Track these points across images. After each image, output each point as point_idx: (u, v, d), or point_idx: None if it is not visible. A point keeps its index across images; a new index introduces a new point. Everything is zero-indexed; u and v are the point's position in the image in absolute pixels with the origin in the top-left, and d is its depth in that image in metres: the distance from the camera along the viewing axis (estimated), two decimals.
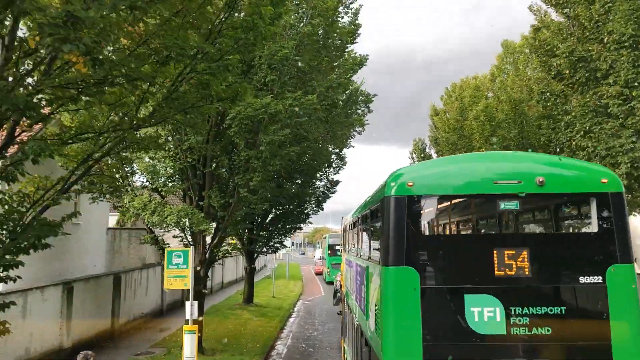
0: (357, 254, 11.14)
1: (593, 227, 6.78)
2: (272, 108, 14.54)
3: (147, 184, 17.17)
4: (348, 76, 17.59)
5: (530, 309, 6.33)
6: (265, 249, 31.75)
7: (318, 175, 30.80)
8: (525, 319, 6.31)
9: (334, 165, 31.51)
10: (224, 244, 31.20)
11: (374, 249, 8.45)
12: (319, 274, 64.40)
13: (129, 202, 15.90)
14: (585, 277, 6.41)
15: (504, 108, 24.08)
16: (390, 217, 6.77)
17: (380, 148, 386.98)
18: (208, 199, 16.58)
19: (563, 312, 6.32)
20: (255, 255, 31.20)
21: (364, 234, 10.27)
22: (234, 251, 30.86)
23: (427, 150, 44.23)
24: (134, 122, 8.38)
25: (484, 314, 6.35)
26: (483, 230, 8.63)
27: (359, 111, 17.97)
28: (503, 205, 6.77)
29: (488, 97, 30.35)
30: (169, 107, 8.17)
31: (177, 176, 16.75)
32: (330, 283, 44.87)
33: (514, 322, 6.30)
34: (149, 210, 15.46)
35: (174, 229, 17.88)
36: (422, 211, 7.00)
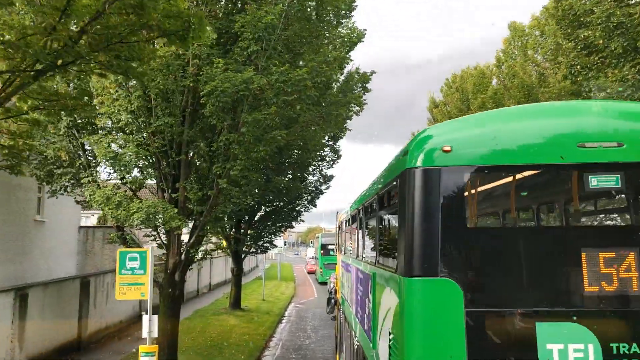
0: (358, 256, 8.87)
1: None
2: (255, 83, 12.34)
3: (114, 175, 14.88)
4: (344, 52, 15.44)
5: None
6: (253, 249, 29.53)
7: (310, 169, 28.65)
8: None
9: (327, 159, 29.38)
10: (206, 243, 29.13)
11: (385, 250, 6.30)
12: (311, 272, 64.62)
13: (90, 195, 13.64)
14: None
15: (514, 94, 22.00)
16: (415, 202, 4.62)
17: (374, 147, 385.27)
18: (183, 191, 14.34)
19: None
20: (243, 256, 28.99)
21: (369, 229, 7.98)
22: (219, 251, 28.79)
23: None
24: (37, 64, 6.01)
25: (569, 354, 4.21)
26: (565, 221, 5.28)
27: (356, 91, 15.79)
28: (595, 181, 4.51)
29: (493, 84, 28.30)
30: (89, 42, 5.87)
31: (146, 165, 14.47)
32: (323, 283, 45.44)
33: None
34: (112, 204, 13.19)
35: (147, 227, 15.65)
36: (466, 191, 4.75)
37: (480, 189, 4.94)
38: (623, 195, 4.85)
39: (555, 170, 4.69)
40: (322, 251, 49.49)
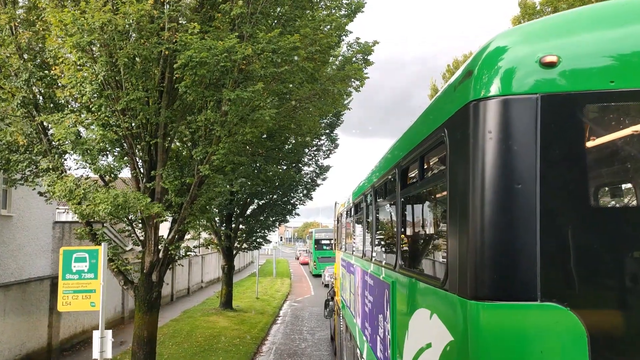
0: (365, 255, 6.70)
1: None
2: (240, 53, 10.47)
3: (83, 163, 12.94)
4: (344, 21, 13.53)
5: None
6: (245, 245, 27.73)
7: (306, 159, 26.86)
8: None
9: (323, 148, 27.61)
10: (196, 238, 27.30)
11: (415, 249, 4.18)
12: (304, 264, 70.80)
13: (48, 186, 11.76)
14: None
15: None
16: (490, 162, 2.56)
17: (372, 141, 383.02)
18: (159, 180, 12.47)
19: None
20: (234, 252, 27.19)
21: (384, 218, 5.81)
22: (209, 247, 27.00)
23: None
24: None
25: None
26: None
27: (356, 63, 13.96)
28: None
29: None
30: None
31: (115, 151, 12.58)
32: (318, 276, 49.14)
33: None
34: (76, 198, 11.32)
35: (120, 221, 13.79)
36: (588, 141, 2.63)
37: (617, 134, 2.70)
38: None
39: None
40: (315, 246, 51.13)
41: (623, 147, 2.72)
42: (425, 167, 3.91)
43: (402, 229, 4.68)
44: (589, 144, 2.66)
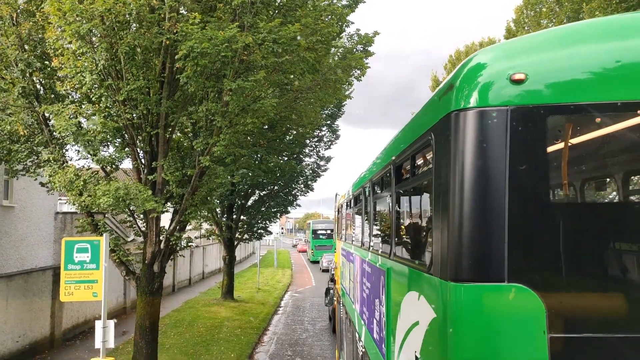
0: (364, 244, 7.17)
1: None
2: (240, 43, 10.43)
3: (84, 153, 12.94)
4: (346, 11, 13.46)
5: None
6: (246, 236, 27.79)
7: (307, 150, 26.85)
8: None
9: (325, 139, 27.58)
10: (198, 229, 27.35)
11: (407, 238, 4.68)
12: (302, 251, 79.10)
13: (49, 177, 11.76)
14: None
15: None
16: (467, 163, 2.97)
17: (374, 132, 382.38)
18: (161, 171, 12.47)
19: None
20: (236, 243, 27.26)
21: (380, 210, 6.34)
22: (211, 238, 27.07)
23: None
24: None
25: None
26: None
27: (357, 53, 13.89)
28: None
29: None
30: None
31: (116, 142, 12.56)
32: (315, 262, 54.25)
33: None
34: (75, 189, 11.32)
35: (121, 213, 13.82)
36: (550, 146, 3.01)
37: (575, 141, 3.11)
38: None
39: None
40: (313, 235, 57.54)
41: (579, 153, 3.17)
42: (416, 165, 4.36)
43: (397, 221, 5.10)
44: (550, 149, 3.05)
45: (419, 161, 4.33)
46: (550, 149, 3.04)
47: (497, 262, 2.89)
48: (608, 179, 3.50)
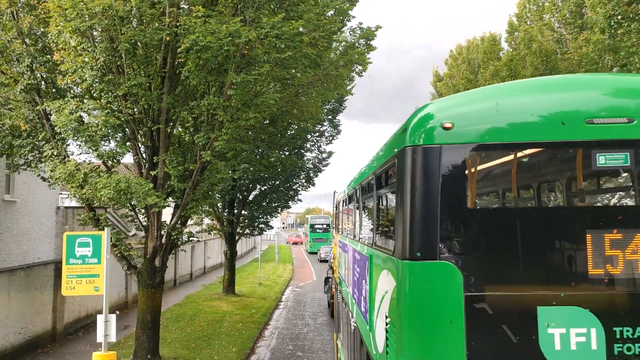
0: (355, 237, 8.52)
1: None
2: (243, 37, 10.41)
3: (85, 148, 12.92)
4: (346, 5, 13.41)
5: None
6: (247, 231, 27.80)
7: (308, 145, 26.82)
8: (637, 348, 4.02)
9: (326, 134, 27.55)
10: (199, 224, 27.37)
11: (383, 231, 6.08)
12: (295, 244, 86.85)
13: (51, 171, 11.77)
14: None
15: (532, 61, 19.97)
16: (414, 182, 4.43)
17: (376, 126, 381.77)
18: (162, 166, 12.48)
19: None
20: (237, 237, 27.29)
21: (366, 209, 7.84)
22: (213, 232, 27.10)
23: None
24: None
25: (571, 338, 4.09)
26: (569, 202, 5.03)
27: (359, 48, 13.85)
28: (603, 159, 4.29)
29: (505, 50, 26.31)
30: None
31: (117, 137, 12.55)
32: (313, 253, 60.42)
33: (621, 351, 4.02)
34: (76, 182, 11.33)
35: (122, 207, 13.85)
36: (467, 171, 4.51)
37: (482, 167, 4.67)
38: (632, 174, 4.56)
39: (561, 147, 4.44)
40: (310, 229, 65.13)
41: (484, 175, 4.76)
42: (388, 177, 5.67)
43: (377, 218, 6.55)
44: (466, 172, 4.50)
45: (390, 175, 5.49)
46: (466, 172, 4.49)
47: (432, 247, 4.31)
48: (502, 193, 5.25)
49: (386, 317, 5.02)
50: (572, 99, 4.48)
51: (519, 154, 4.54)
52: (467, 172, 4.47)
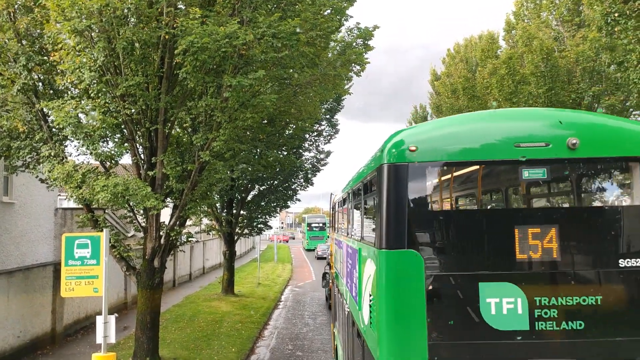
0: (348, 234, 9.81)
1: (637, 199, 5.66)
2: (241, 39, 10.40)
3: (83, 149, 12.88)
4: (343, 4, 13.39)
5: (560, 299, 5.38)
6: (246, 231, 27.79)
7: (306, 144, 26.82)
8: (554, 312, 5.36)
9: (324, 133, 27.55)
10: (198, 224, 27.34)
11: (368, 228, 7.23)
12: (284, 241, 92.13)
13: (49, 172, 11.75)
14: (627, 260, 5.44)
15: (532, 58, 19.94)
16: (389, 190, 5.63)
17: (375, 125, 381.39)
18: (161, 167, 12.47)
19: (599, 302, 5.38)
20: (235, 237, 27.28)
21: (356, 210, 9.03)
22: (212, 233, 27.08)
23: (429, 118, 40.36)
24: None
25: (503, 306, 5.40)
26: (502, 205, 6.93)
27: (356, 48, 13.84)
28: (527, 173, 5.67)
29: (504, 48, 26.28)
30: None
31: (115, 137, 12.54)
32: (310, 250, 66.01)
33: (539, 315, 5.36)
34: (74, 182, 11.31)
35: (121, 208, 13.83)
36: (427, 182, 5.83)
37: (439, 180, 5.93)
38: (548, 184, 6.26)
39: (497, 165, 5.88)
40: (308, 228, 71.57)
41: (442, 184, 5.99)
42: (372, 186, 6.75)
43: (364, 217, 7.67)
44: (427, 184, 5.71)
45: (373, 184, 6.60)
46: (427, 183, 5.70)
47: (401, 240, 5.45)
48: (454, 199, 6.51)
49: (370, 296, 6.19)
50: (506, 127, 5.79)
51: (467, 170, 5.99)
52: (427, 183, 5.74)
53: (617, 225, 5.55)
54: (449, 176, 6.02)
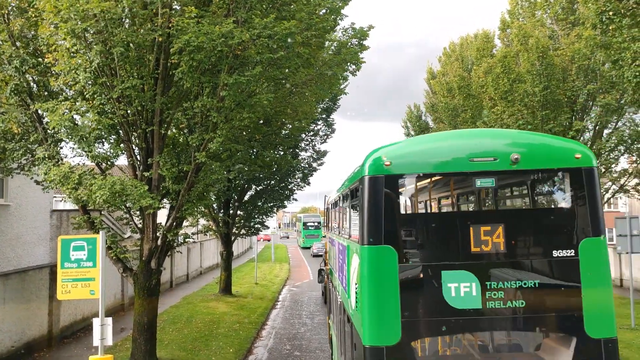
0: (339, 233, 10.90)
1: (567, 202, 6.99)
2: (236, 38, 10.38)
3: (79, 150, 12.83)
4: (338, 4, 13.38)
5: (505, 283, 6.55)
6: (243, 231, 27.76)
7: (303, 144, 26.81)
8: (500, 293, 6.51)
9: (320, 133, 27.55)
10: (195, 225, 27.29)
11: (354, 228, 8.21)
12: (266, 240, 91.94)
13: (44, 174, 11.70)
14: (559, 251, 6.65)
15: (528, 57, 19.96)
16: (368, 197, 6.75)
17: (371, 124, 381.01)
18: (157, 168, 12.44)
19: (537, 285, 6.60)
20: (233, 238, 27.25)
21: (345, 212, 10.05)
22: (209, 233, 27.02)
23: (423, 117, 40.33)
24: None
25: (461, 289, 6.52)
26: (460, 208, 8.66)
27: (352, 48, 13.82)
28: (479, 182, 6.91)
29: (499, 47, 26.31)
30: None
31: (111, 139, 12.49)
32: (306, 248, 69.34)
33: (490, 296, 6.50)
34: (71, 184, 11.27)
35: (117, 209, 13.79)
36: (399, 190, 6.97)
37: (408, 188, 7.20)
38: (495, 191, 7.81)
39: (455, 175, 7.10)
40: (303, 227, 75.43)
41: (410, 193, 7.35)
42: (356, 192, 7.67)
43: (352, 219, 8.54)
44: (399, 191, 6.85)
45: (357, 191, 7.55)
46: (399, 191, 6.84)
47: (379, 237, 6.54)
48: (421, 203, 7.97)
49: (355, 284, 7.34)
50: (462, 145, 6.95)
51: (431, 180, 7.39)
52: (399, 191, 6.87)
53: (551, 223, 6.87)
54: (417, 185, 7.35)
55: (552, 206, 7.45)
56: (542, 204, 7.69)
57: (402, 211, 7.05)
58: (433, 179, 7.34)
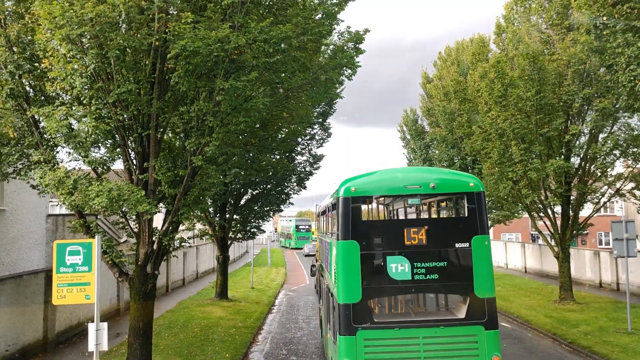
0: (326, 233, 14.02)
1: (464, 213, 10.23)
2: (233, 43, 10.40)
3: (75, 155, 12.80)
4: (334, 8, 13.42)
5: (426, 263, 9.82)
6: (240, 235, 27.72)
7: (299, 148, 26.83)
8: (423, 270, 9.82)
9: (317, 137, 27.58)
10: (191, 229, 27.24)
11: (334, 229, 10.90)
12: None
13: (40, 178, 11.67)
14: (459, 244, 9.91)
15: (520, 62, 20.07)
16: (342, 210, 10.01)
17: (367, 130, 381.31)
18: (152, 172, 12.42)
19: (445, 265, 9.92)
20: (229, 242, 27.21)
21: (330, 218, 12.87)
22: (205, 237, 26.97)
23: (419, 122, 40.43)
24: None
25: (398, 268, 9.81)
26: (398, 216, 14.28)
27: (348, 52, 13.87)
28: (410, 201, 11.75)
29: (494, 51, 26.44)
30: None
31: (107, 144, 12.48)
32: (299, 249, 78.57)
33: (416, 272, 9.81)
34: (65, 189, 11.24)
35: (113, 213, 13.74)
36: (361, 206, 10.49)
37: (368, 205, 11.66)
38: (420, 207, 12.79)
39: (397, 197, 11.86)
40: (295, 229, 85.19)
41: (370, 207, 14.19)
42: (335, 207, 10.55)
43: (333, 223, 11.26)
44: (362, 208, 10.96)
45: (336, 205, 10.46)
46: (362, 207, 10.72)
47: (347, 235, 9.85)
48: (377, 214, 14.35)
49: (334, 266, 10.36)
50: (401, 177, 10.59)
51: (381, 199, 11.93)
52: (362, 207, 10.18)
53: (455, 226, 10.47)
54: (372, 203, 11.79)
55: (455, 215, 11.35)
56: (449, 214, 12.05)
57: (363, 218, 11.08)
58: (382, 199, 12.00)
